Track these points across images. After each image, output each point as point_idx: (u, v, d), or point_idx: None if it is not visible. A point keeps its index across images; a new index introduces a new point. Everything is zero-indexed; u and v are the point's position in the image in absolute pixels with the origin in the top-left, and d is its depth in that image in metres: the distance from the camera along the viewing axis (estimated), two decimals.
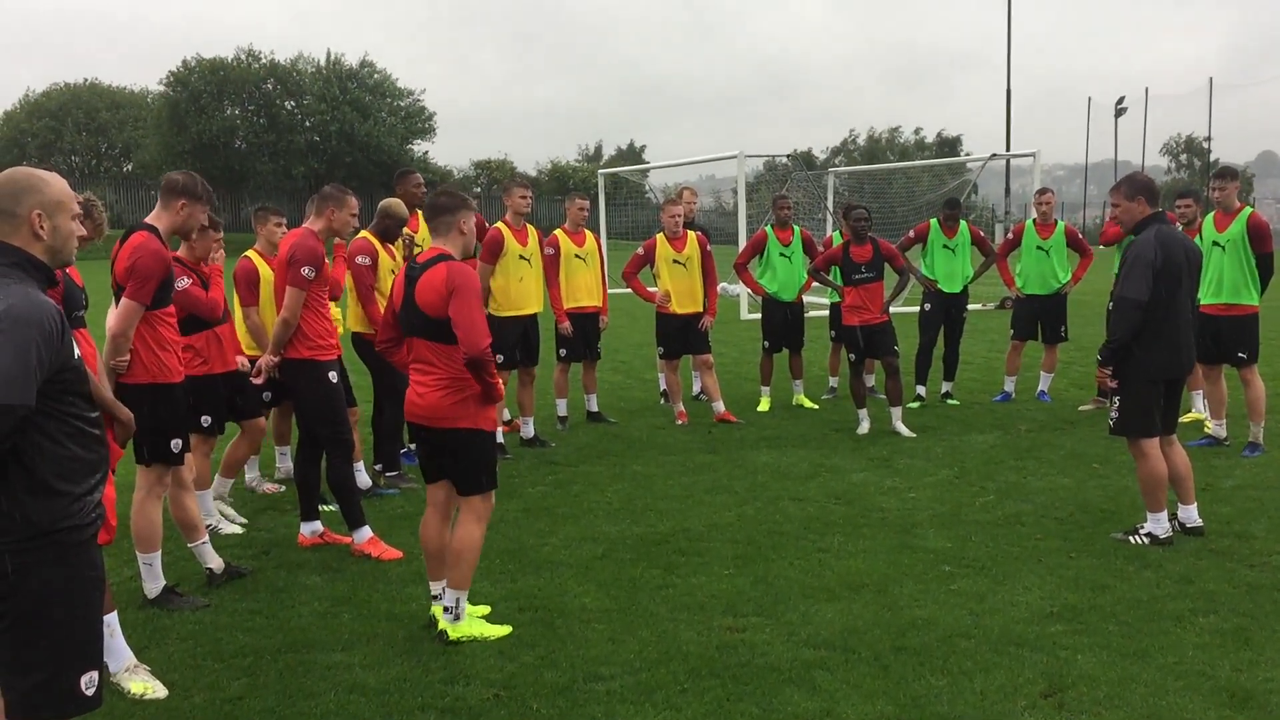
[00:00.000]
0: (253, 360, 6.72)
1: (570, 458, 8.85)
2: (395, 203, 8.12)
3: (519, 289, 8.97)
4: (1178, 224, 9.70)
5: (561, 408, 10.14)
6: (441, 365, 4.96)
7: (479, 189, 57.78)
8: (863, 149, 79.02)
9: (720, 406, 10.33)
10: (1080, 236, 11.12)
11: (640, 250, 10.54)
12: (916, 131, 78.51)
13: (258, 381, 6.49)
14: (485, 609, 5.39)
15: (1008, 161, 39.69)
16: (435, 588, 5.20)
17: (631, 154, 75.87)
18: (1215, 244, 8.71)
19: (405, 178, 8.98)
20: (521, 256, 8.96)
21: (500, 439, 8.95)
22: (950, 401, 11.09)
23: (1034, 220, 11.11)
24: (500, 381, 5.02)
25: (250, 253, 7.62)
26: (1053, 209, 11.17)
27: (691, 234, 10.29)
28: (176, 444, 5.43)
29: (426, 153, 57.87)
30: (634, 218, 32.83)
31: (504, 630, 5.13)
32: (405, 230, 8.23)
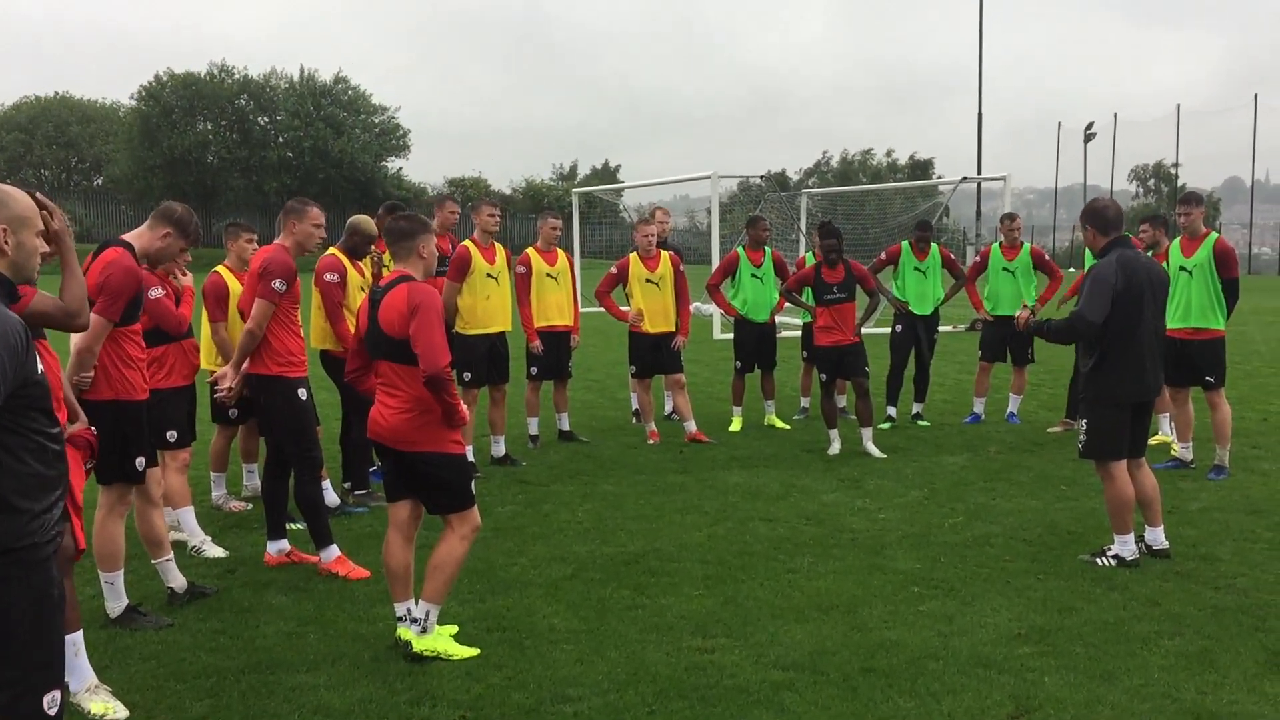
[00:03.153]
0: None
1: (541, 477, 8.82)
2: (364, 220, 8.10)
3: (486, 307, 8.94)
4: (1143, 249, 9.84)
5: (533, 426, 10.11)
6: (405, 387, 4.95)
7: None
8: (836, 170, 79.57)
9: (692, 426, 10.32)
10: (1046, 258, 11.22)
11: (613, 269, 10.56)
12: (889, 154, 79.20)
13: (220, 396, 6.43)
14: (453, 628, 5.34)
15: (979, 185, 40.08)
16: (400, 609, 5.16)
17: (606, 173, 76.01)
18: (1182, 269, 8.80)
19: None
20: (489, 274, 8.95)
21: (471, 458, 8.93)
22: (921, 423, 11.14)
23: (1000, 244, 11.21)
24: (462, 404, 4.99)
25: (220, 268, 7.58)
26: (1019, 233, 11.27)
27: (665, 253, 10.32)
28: (140, 461, 5.37)
29: (400, 169, 57.87)
30: (608, 237, 32.91)
31: (471, 651, 5.09)
32: (373, 249, 8.21)
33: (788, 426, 11.01)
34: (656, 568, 6.42)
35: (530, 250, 9.89)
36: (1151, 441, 9.83)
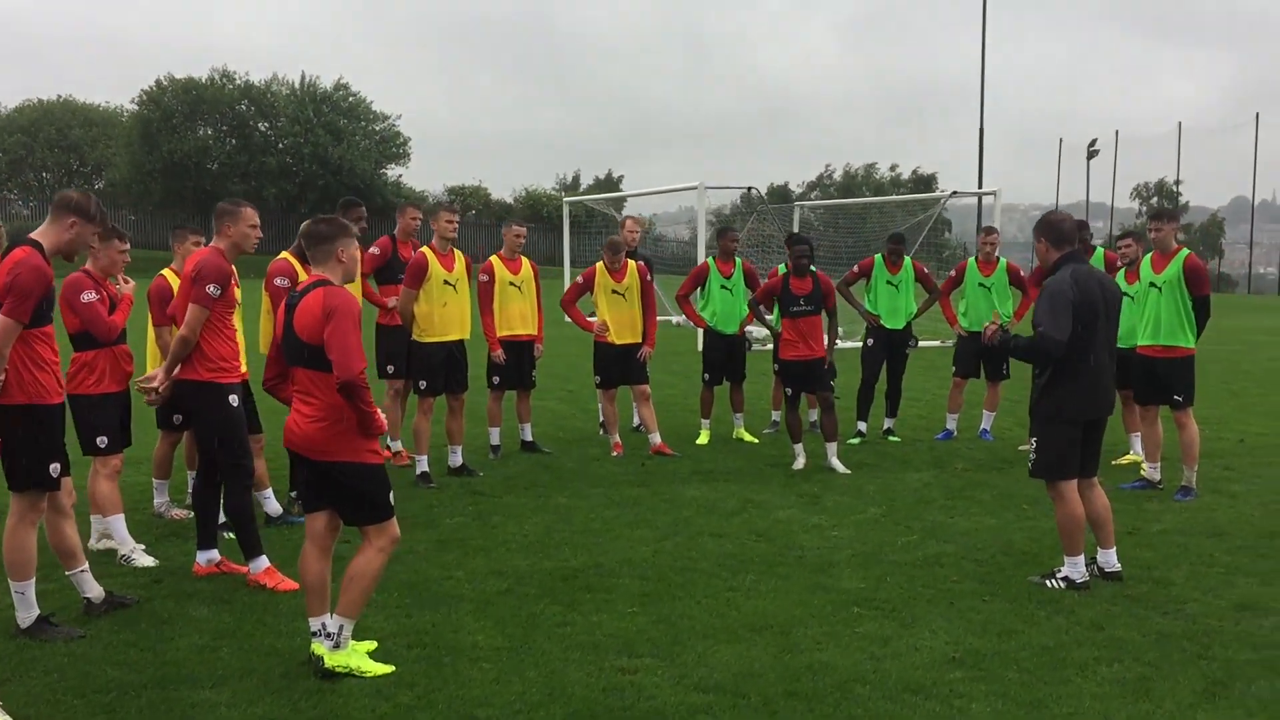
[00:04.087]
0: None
1: (496, 488, 8.67)
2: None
3: (443, 314, 8.81)
4: (1119, 264, 9.70)
5: (494, 436, 9.97)
6: (320, 394, 4.81)
7: None
8: (839, 184, 79.44)
9: (656, 438, 10.18)
10: (1022, 274, 11.07)
11: (579, 279, 10.44)
12: (893, 168, 79.08)
13: (150, 401, 6.30)
14: (371, 645, 5.19)
15: (979, 200, 39.96)
16: (314, 623, 5.00)
17: (609, 184, 75.84)
18: (1152, 285, 8.65)
19: (350, 209, 8.99)
20: (446, 282, 8.81)
21: (425, 468, 8.80)
22: (892, 438, 10.98)
23: (976, 258, 11.06)
24: (378, 412, 4.85)
25: (166, 271, 7.46)
26: (996, 248, 11.13)
27: (632, 264, 10.19)
28: (55, 468, 5.23)
29: (400, 177, 57.85)
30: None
31: (385, 669, 4.94)
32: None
33: (756, 440, 10.86)
34: (595, 583, 6.26)
35: (494, 258, 9.76)
36: (1123, 461, 9.77)
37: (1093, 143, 66.44)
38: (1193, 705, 4.66)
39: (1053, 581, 6.25)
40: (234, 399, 6.18)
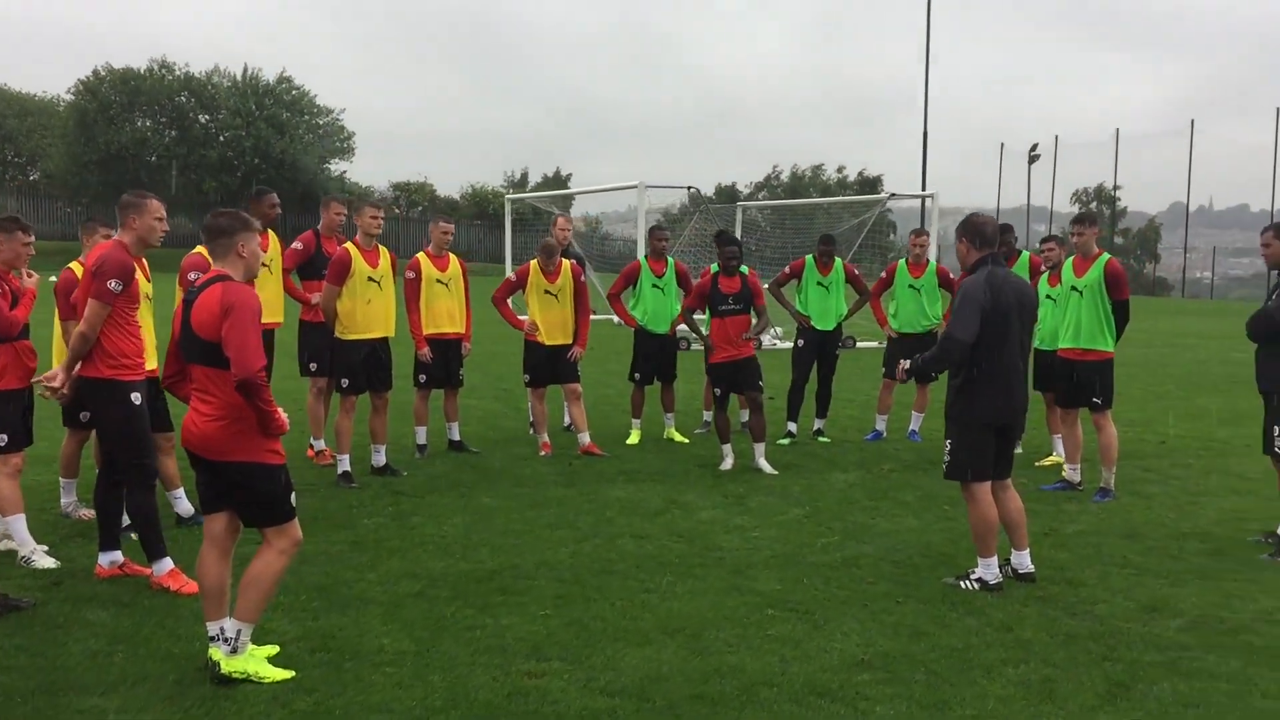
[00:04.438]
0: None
1: (418, 488, 8.56)
2: None
3: (366, 311, 8.67)
4: (1043, 267, 9.80)
5: (420, 435, 9.85)
6: (218, 393, 4.69)
7: (397, 210, 57.11)
8: (786, 185, 79.84)
9: (586, 438, 10.11)
10: (952, 277, 11.15)
11: (512, 276, 10.35)
12: (840, 170, 79.57)
13: (47, 396, 6.12)
14: (272, 649, 5.08)
15: (922, 202, 40.33)
16: (212, 628, 4.88)
17: (558, 181, 75.50)
18: (1074, 289, 8.73)
19: (261, 198, 8.80)
20: (370, 278, 8.68)
21: (347, 468, 8.66)
22: (822, 439, 11.02)
23: (906, 260, 11.13)
24: (279, 411, 4.74)
25: (74, 264, 7.25)
26: (926, 250, 11.21)
27: (566, 264, 10.11)
28: None
29: (345, 172, 57.18)
30: None
31: (284, 674, 4.83)
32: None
33: (687, 440, 10.83)
34: (509, 586, 6.19)
35: (421, 255, 9.64)
36: (1045, 463, 9.87)
37: (1033, 148, 67.24)
38: (1094, 708, 4.69)
39: (966, 583, 6.27)
40: (136, 397, 6.02)
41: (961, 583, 6.29)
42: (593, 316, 10.46)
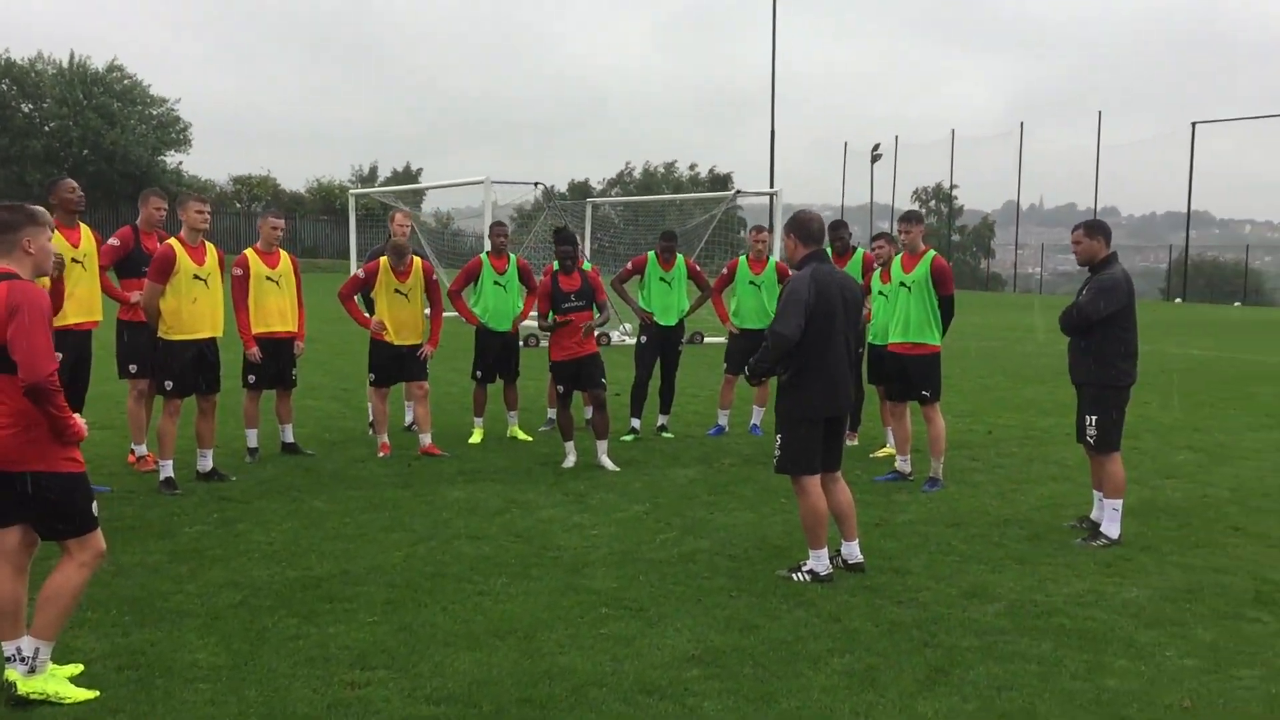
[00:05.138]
0: None
1: (246, 493, 8.25)
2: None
3: (192, 310, 8.31)
4: (876, 264, 10.05)
5: (251, 438, 9.50)
6: (7, 399, 4.39)
7: (239, 205, 55.29)
8: (639, 182, 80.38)
9: (427, 439, 9.93)
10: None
11: (360, 273, 10.06)
12: (691, 167, 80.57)
13: None
14: (76, 668, 4.79)
15: (770, 199, 41.12)
16: (8, 648, 4.57)
17: (408, 176, 74.28)
18: (902, 285, 8.98)
19: (56, 185, 8.38)
20: (197, 276, 8.32)
21: (170, 474, 8.29)
22: (665, 435, 11.07)
23: (747, 256, 11.27)
24: (74, 417, 4.47)
25: None
26: (766, 246, 11.37)
27: (418, 262, 9.90)
28: None
29: (181, 164, 55.09)
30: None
31: (87, 694, 4.56)
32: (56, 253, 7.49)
33: (530, 438, 10.75)
34: (336, 592, 6.00)
35: (249, 251, 9.30)
36: (879, 454, 10.13)
37: (876, 147, 69.42)
38: (914, 694, 4.81)
39: (798, 574, 6.37)
40: None
41: (794, 575, 6.38)
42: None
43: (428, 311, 9.98)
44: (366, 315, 9.96)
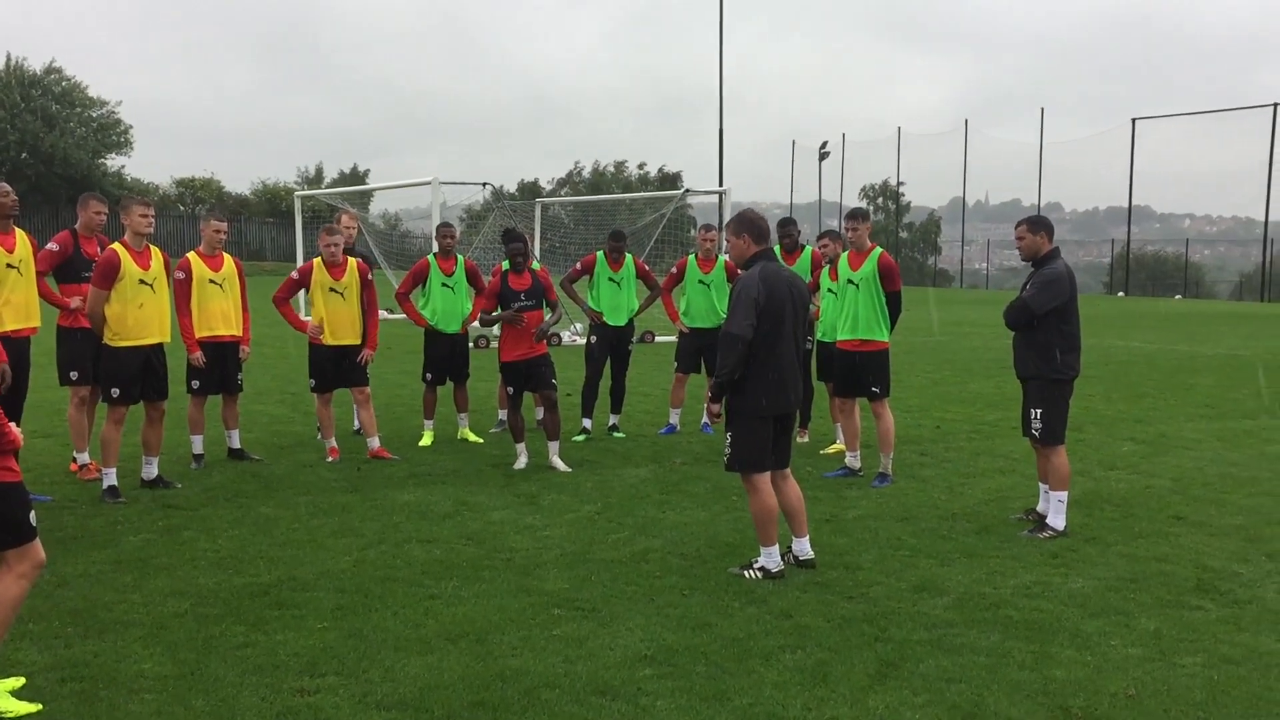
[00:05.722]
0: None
1: (193, 500, 8.13)
2: None
3: (138, 316, 8.17)
4: (823, 262, 10.11)
5: (197, 445, 9.36)
6: None
7: (182, 208, 54.47)
8: (588, 182, 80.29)
9: (375, 442, 9.84)
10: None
11: (294, 275, 9.96)
12: (641, 166, 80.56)
13: None
14: (17, 681, 4.70)
15: (720, 198, 41.28)
16: None
17: (354, 178, 73.61)
18: (850, 282, 9.05)
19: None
20: (142, 281, 8.18)
21: (113, 482, 8.15)
22: (616, 434, 11.06)
23: (696, 255, 11.30)
24: (9, 425, 4.38)
25: None
26: (715, 245, 11.40)
27: (352, 261, 9.80)
28: None
29: (123, 167, 54.14)
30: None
31: (30, 708, 4.49)
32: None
33: (481, 440, 10.70)
34: (286, 599, 5.93)
35: (191, 255, 9.17)
36: (829, 451, 10.20)
37: (823, 145, 69.81)
38: (865, 688, 4.85)
39: (750, 572, 6.40)
40: None
41: (745, 572, 6.41)
42: (387, 316, 10.20)
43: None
44: (303, 319, 9.84)
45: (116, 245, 8.21)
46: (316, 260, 9.78)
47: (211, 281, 9.10)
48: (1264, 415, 12.76)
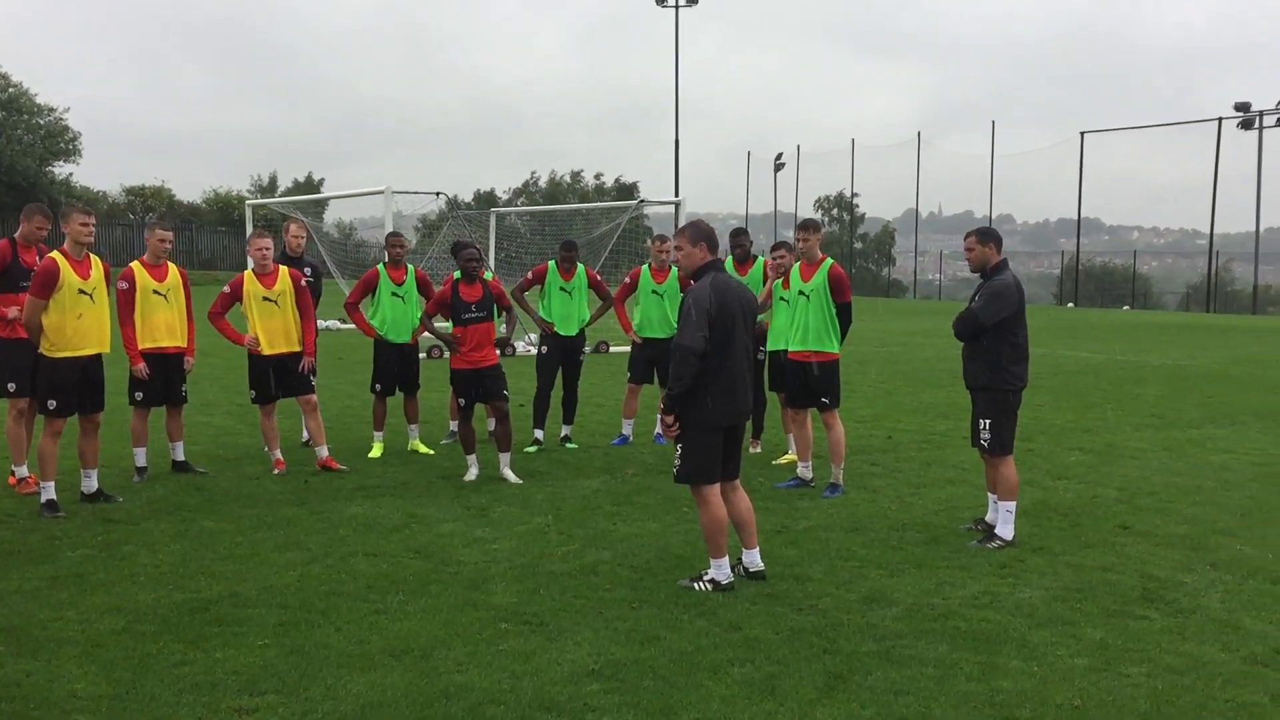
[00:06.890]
0: None
1: (134, 514, 7.97)
2: None
3: (77, 326, 8.00)
4: (777, 273, 10.12)
5: (140, 457, 9.18)
6: None
7: (131, 216, 53.65)
8: (544, 191, 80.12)
9: (324, 452, 9.71)
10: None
11: (226, 288, 9.77)
12: (597, 176, 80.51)
13: None
14: None
15: (676, 208, 41.38)
16: None
17: (308, 186, 72.89)
18: (801, 293, 9.06)
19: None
20: (82, 290, 8.01)
21: (52, 495, 7.97)
22: (569, 445, 11.00)
23: (649, 265, 11.27)
24: None
25: None
26: (668, 255, 11.36)
27: (283, 269, 9.66)
28: None
29: (71, 175, 53.26)
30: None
31: None
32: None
33: (432, 452, 10.59)
34: (226, 615, 5.82)
35: (135, 264, 9.01)
36: (781, 461, 10.20)
37: (778, 156, 70.31)
38: (813, 701, 4.82)
39: (700, 584, 6.36)
40: None
41: (695, 584, 6.37)
42: (339, 326, 10.06)
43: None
44: (239, 332, 9.65)
45: (55, 254, 8.04)
46: (247, 272, 9.64)
47: (156, 292, 8.94)
48: (1208, 425, 12.94)
